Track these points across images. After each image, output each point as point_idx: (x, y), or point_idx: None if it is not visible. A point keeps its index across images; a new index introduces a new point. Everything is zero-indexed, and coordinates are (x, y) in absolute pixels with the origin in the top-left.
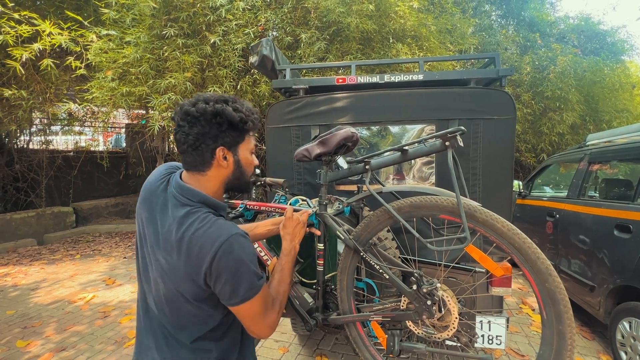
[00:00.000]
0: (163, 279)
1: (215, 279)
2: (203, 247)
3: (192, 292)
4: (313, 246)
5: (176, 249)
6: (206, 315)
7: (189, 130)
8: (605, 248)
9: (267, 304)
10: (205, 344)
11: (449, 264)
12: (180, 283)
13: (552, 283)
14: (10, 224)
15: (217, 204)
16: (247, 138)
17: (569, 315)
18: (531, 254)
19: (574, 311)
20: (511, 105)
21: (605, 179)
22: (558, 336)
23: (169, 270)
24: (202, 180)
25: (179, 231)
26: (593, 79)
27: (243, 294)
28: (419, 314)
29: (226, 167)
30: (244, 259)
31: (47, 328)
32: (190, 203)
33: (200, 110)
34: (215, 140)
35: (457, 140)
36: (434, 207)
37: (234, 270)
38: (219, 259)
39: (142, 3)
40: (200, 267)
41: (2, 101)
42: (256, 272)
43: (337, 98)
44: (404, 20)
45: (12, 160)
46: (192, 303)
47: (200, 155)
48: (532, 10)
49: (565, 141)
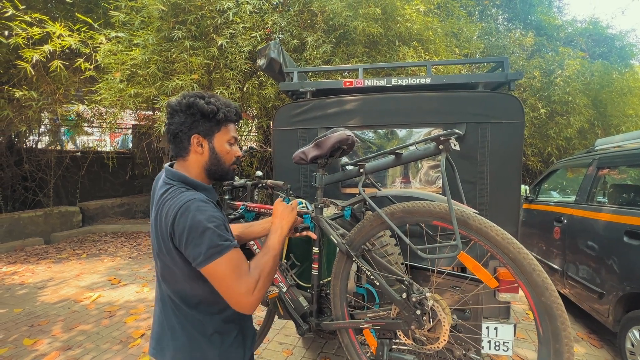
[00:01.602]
0: (158, 255)
1: (179, 240)
2: (168, 213)
3: (171, 256)
4: (310, 250)
5: (157, 220)
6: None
7: (171, 121)
8: (615, 254)
9: (239, 269)
10: (207, 307)
11: (452, 272)
12: (166, 251)
13: (549, 297)
14: (18, 223)
15: (196, 183)
16: (224, 129)
17: (567, 332)
18: (527, 265)
19: (581, 318)
20: (520, 109)
21: (615, 184)
22: (555, 355)
23: (157, 242)
24: (185, 165)
25: (157, 204)
26: (601, 83)
27: (205, 252)
28: (408, 323)
29: (202, 154)
30: (201, 219)
31: (53, 327)
32: (171, 182)
33: (178, 103)
34: (190, 128)
35: (451, 143)
36: (427, 213)
37: (192, 229)
38: (178, 221)
39: (150, 6)
40: (167, 231)
41: (12, 102)
42: (220, 234)
43: (344, 101)
44: (410, 23)
45: (21, 160)
46: (177, 268)
47: (180, 143)
48: (539, 13)
49: (573, 145)
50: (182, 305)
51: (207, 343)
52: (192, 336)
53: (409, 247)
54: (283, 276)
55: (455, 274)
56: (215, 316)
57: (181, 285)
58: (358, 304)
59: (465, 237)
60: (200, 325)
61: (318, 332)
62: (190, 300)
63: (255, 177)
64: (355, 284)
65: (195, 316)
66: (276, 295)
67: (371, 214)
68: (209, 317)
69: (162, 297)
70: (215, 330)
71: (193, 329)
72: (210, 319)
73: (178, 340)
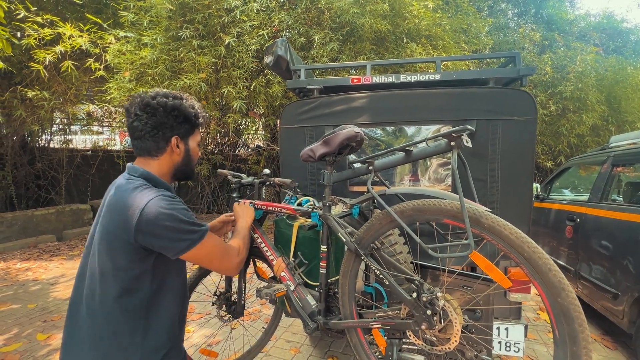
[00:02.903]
0: (107, 252)
1: (150, 235)
2: (132, 206)
3: (122, 249)
4: (318, 248)
5: (109, 209)
6: (133, 275)
7: (148, 120)
8: (630, 254)
9: (221, 246)
10: (136, 312)
11: (463, 272)
12: (112, 242)
13: (565, 298)
14: (31, 220)
15: (158, 180)
16: (196, 131)
17: (585, 335)
18: (542, 265)
19: (594, 319)
20: (532, 105)
21: (630, 182)
22: (572, 358)
23: (107, 237)
24: (151, 164)
25: (115, 194)
26: (615, 79)
27: (186, 238)
28: (418, 323)
29: (178, 154)
30: (172, 212)
31: None
32: (131, 177)
33: (161, 103)
34: (172, 130)
35: (463, 140)
36: (438, 211)
37: (165, 223)
38: (147, 220)
39: (159, 5)
40: (130, 224)
41: (25, 102)
42: (194, 221)
43: (352, 98)
44: (419, 20)
45: (34, 158)
46: (122, 263)
47: (156, 142)
48: (550, 8)
49: (585, 143)
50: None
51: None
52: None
53: (419, 245)
54: (291, 274)
55: (467, 274)
56: (142, 320)
57: (119, 284)
58: (366, 303)
59: (477, 236)
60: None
61: (326, 331)
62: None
63: (262, 175)
64: (364, 283)
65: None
66: (284, 293)
67: (380, 212)
68: (135, 319)
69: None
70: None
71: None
72: (137, 323)
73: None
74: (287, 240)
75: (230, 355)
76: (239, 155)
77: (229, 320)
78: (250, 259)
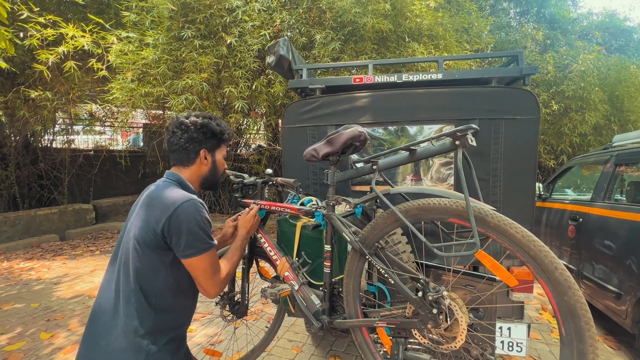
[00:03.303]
0: (140, 245)
1: (173, 232)
2: (166, 204)
3: (149, 239)
4: (322, 248)
5: (147, 201)
6: (155, 266)
7: (181, 135)
8: (633, 254)
9: (215, 265)
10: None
11: (468, 271)
12: (144, 233)
13: (572, 297)
14: (34, 220)
15: (188, 186)
16: (222, 146)
17: (591, 333)
18: (548, 263)
19: (597, 319)
20: (535, 104)
21: (634, 181)
22: (578, 356)
23: (137, 225)
24: (184, 172)
25: (155, 190)
26: (618, 78)
27: (198, 246)
28: (424, 322)
29: (206, 165)
30: (198, 219)
31: (69, 321)
32: (168, 180)
33: (192, 122)
34: (200, 144)
35: (468, 139)
36: (443, 210)
37: (190, 225)
38: (177, 216)
39: (161, 5)
40: (160, 220)
41: (28, 102)
42: (209, 234)
43: (354, 98)
44: (420, 19)
45: (36, 158)
46: (149, 251)
47: (187, 154)
48: (552, 7)
49: (588, 142)
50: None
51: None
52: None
53: (424, 245)
54: (295, 274)
55: (471, 273)
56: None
57: (145, 272)
58: (370, 302)
59: (483, 235)
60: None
61: (330, 330)
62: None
63: (265, 175)
64: (367, 282)
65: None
66: (288, 293)
67: (385, 211)
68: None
69: (126, 295)
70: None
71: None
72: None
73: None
74: (290, 240)
75: (234, 355)
76: (241, 155)
77: (232, 320)
78: (253, 258)
